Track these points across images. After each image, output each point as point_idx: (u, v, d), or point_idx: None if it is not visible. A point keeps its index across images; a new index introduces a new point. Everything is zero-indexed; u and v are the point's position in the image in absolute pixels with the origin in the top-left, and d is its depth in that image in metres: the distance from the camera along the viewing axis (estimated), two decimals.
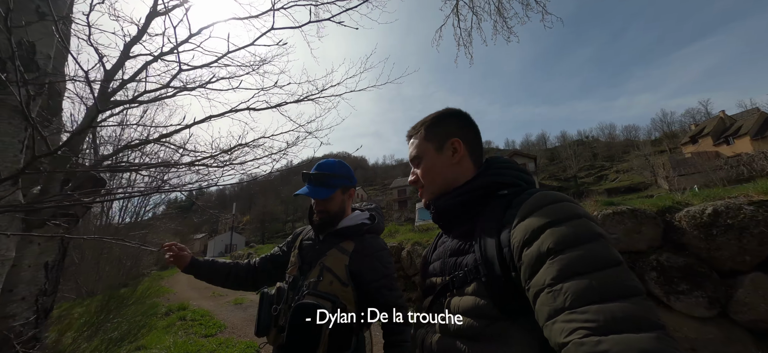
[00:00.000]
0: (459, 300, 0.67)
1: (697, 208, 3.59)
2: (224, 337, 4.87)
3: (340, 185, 1.27)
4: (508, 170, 0.77)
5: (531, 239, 0.56)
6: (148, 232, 13.10)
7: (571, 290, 0.49)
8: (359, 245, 1.21)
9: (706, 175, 23.62)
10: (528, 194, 0.65)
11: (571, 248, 0.52)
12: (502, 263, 0.61)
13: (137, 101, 1.94)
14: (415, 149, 0.86)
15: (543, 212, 0.58)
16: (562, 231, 0.54)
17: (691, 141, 41.98)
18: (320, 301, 1.07)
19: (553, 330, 0.49)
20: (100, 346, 3.15)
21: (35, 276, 2.13)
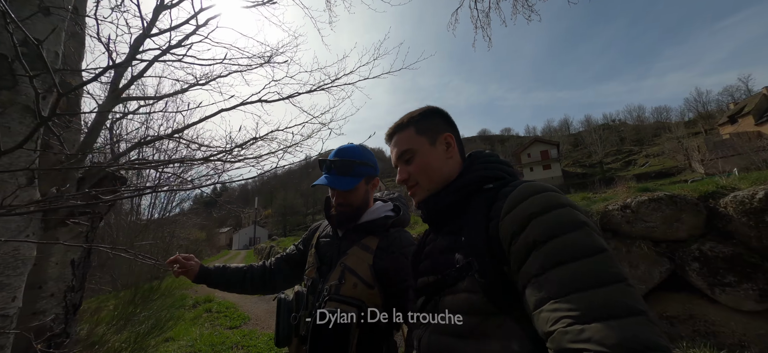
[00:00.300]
0: (453, 297, 0.67)
1: (745, 193, 3.28)
2: (248, 329, 4.98)
3: (364, 174, 1.12)
4: (493, 164, 0.76)
5: (518, 230, 0.57)
6: (176, 227, 13.67)
7: (555, 279, 0.49)
8: (384, 242, 1.07)
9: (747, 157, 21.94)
10: (512, 187, 0.65)
11: (555, 238, 0.52)
12: (492, 257, 0.61)
13: (149, 98, 1.93)
14: (406, 143, 0.82)
15: (528, 203, 0.59)
16: (546, 221, 0.55)
17: (730, 121, 39.05)
18: (344, 307, 0.95)
19: (540, 319, 0.49)
20: (130, 338, 3.26)
21: (62, 273, 2.19)
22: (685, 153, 34.63)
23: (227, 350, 4.01)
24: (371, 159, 1.16)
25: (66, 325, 2.16)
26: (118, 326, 3.19)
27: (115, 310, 4.17)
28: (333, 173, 1.11)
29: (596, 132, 55.05)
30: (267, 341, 4.24)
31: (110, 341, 2.95)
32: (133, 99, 1.92)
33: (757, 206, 3.19)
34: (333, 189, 1.12)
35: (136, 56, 1.71)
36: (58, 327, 2.09)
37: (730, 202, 3.39)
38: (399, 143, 0.83)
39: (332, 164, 1.11)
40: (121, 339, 3.06)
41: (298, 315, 1.04)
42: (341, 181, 1.09)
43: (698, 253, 3.35)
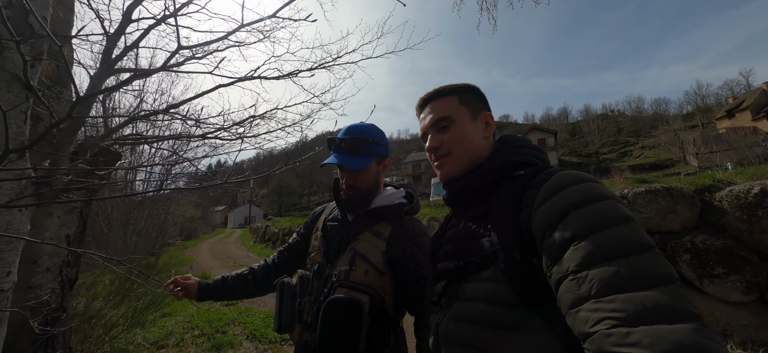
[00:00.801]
0: (475, 286, 0.64)
1: (742, 187, 3.30)
2: (244, 307, 5.04)
3: (376, 154, 1.06)
4: (525, 149, 0.73)
5: (554, 223, 0.53)
6: (170, 205, 13.60)
7: (597, 277, 0.45)
8: (397, 230, 1.03)
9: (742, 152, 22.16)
10: (547, 175, 0.61)
11: (597, 232, 0.49)
12: (522, 248, 0.58)
13: (143, 70, 1.85)
14: (445, 110, 0.76)
15: (566, 193, 0.55)
16: (587, 214, 0.51)
17: (728, 115, 39.21)
18: (356, 294, 0.92)
19: (578, 318, 0.46)
20: (128, 313, 3.28)
21: (57, 248, 2.16)
22: (680, 146, 34.89)
23: (224, 326, 4.07)
24: (383, 139, 1.10)
25: (62, 300, 2.15)
26: (115, 301, 3.20)
27: (111, 285, 4.18)
28: (343, 152, 1.04)
29: (594, 122, 55.04)
30: (264, 318, 4.30)
31: (108, 315, 2.97)
32: (126, 71, 1.84)
33: (752, 200, 3.22)
34: (343, 170, 1.06)
35: (130, 24, 1.63)
36: (55, 301, 2.09)
37: (725, 196, 3.42)
38: (436, 109, 0.78)
39: (343, 143, 1.04)
40: (119, 314, 3.07)
41: (303, 300, 1.00)
42: (353, 160, 1.02)
43: (690, 245, 3.40)
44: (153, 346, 3.34)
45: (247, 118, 2.44)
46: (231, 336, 3.75)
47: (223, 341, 3.53)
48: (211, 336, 3.72)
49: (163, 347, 3.39)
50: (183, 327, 4.01)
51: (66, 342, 2.27)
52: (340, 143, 1.05)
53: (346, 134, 1.06)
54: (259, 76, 2.11)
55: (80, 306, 2.84)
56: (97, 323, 2.91)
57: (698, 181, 3.77)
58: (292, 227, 12.88)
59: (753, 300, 3.15)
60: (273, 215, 51.98)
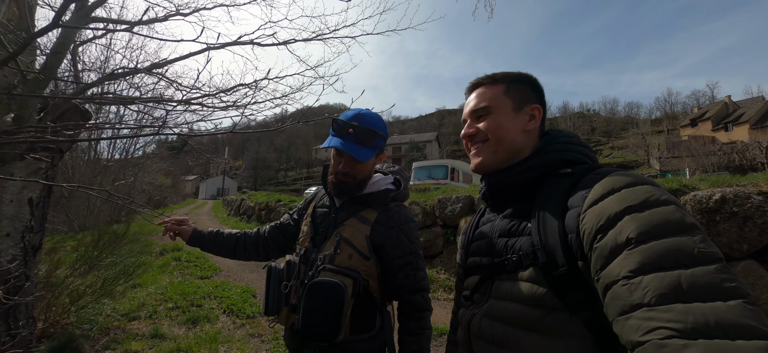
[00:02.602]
0: (511, 285, 0.62)
1: (704, 193, 3.55)
2: (220, 280, 4.93)
3: (379, 147, 1.06)
4: (574, 146, 0.69)
5: (606, 225, 0.50)
6: (138, 171, 12.88)
7: (652, 285, 0.42)
8: (383, 216, 1.04)
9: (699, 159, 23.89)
10: (599, 174, 0.58)
11: (657, 239, 0.45)
12: (566, 250, 0.55)
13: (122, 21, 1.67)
14: (486, 99, 0.74)
15: (622, 195, 0.51)
16: (647, 218, 0.47)
17: (691, 124, 41.91)
18: (339, 277, 0.94)
19: (627, 326, 0.43)
20: (96, 282, 3.11)
21: (19, 212, 1.98)
22: (646, 149, 37.06)
23: (200, 300, 3.97)
24: (386, 132, 1.08)
25: (25, 267, 1.99)
26: (81, 270, 3.02)
27: (74, 252, 3.93)
28: (350, 139, 1.01)
29: (571, 120, 57.14)
30: (241, 293, 4.23)
31: (73, 284, 2.80)
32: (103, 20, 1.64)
33: (712, 206, 3.48)
34: (341, 156, 1.03)
35: None
36: (17, 269, 1.93)
37: (689, 200, 3.67)
38: (479, 97, 0.75)
39: (351, 128, 1.01)
40: (86, 283, 2.90)
41: (290, 284, 1.02)
42: (360, 150, 1.00)
43: None
44: (124, 318, 3.20)
45: (235, 85, 2.29)
46: (207, 309, 3.67)
47: (200, 314, 3.45)
48: (186, 309, 3.62)
49: (135, 319, 3.26)
50: (155, 299, 3.87)
51: (29, 312, 2.12)
52: (348, 128, 1.01)
53: (354, 120, 1.02)
54: (252, 42, 1.96)
55: (42, 273, 2.65)
56: (62, 291, 2.74)
57: (666, 185, 4.01)
58: (269, 201, 12.61)
59: None
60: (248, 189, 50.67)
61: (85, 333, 2.68)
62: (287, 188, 49.93)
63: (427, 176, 14.52)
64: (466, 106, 0.79)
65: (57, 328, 2.60)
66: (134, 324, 3.18)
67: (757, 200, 3.32)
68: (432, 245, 5.61)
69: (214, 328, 3.20)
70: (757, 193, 3.40)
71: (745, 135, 31.92)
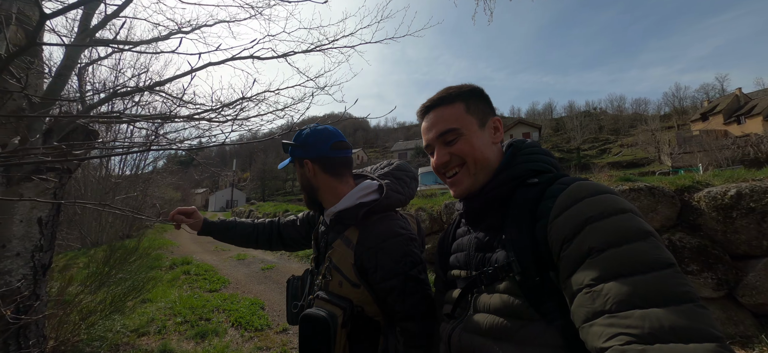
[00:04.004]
0: (489, 297, 0.63)
1: (719, 189, 3.45)
2: (229, 293, 4.94)
3: (295, 155, 1.05)
4: (536, 156, 0.70)
5: (570, 235, 0.52)
6: (148, 186, 13.11)
7: (612, 292, 0.44)
8: (363, 235, 0.93)
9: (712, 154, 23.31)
10: (562, 184, 0.60)
11: (615, 247, 0.47)
12: (538, 260, 0.56)
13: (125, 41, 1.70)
14: (451, 121, 0.72)
15: (583, 205, 0.53)
16: (605, 227, 0.50)
17: (702, 118, 41.05)
18: (330, 307, 0.89)
19: (590, 333, 0.45)
20: (106, 298, 3.14)
21: (29, 232, 2.01)
22: (656, 146, 36.36)
23: (208, 313, 3.98)
24: (306, 140, 1.04)
25: (35, 286, 2.02)
26: (92, 286, 3.05)
27: (85, 268, 3.99)
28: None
29: (577, 118, 56.49)
30: (249, 305, 4.23)
31: (84, 301, 2.83)
32: (106, 43, 1.68)
33: (727, 202, 3.37)
34: None
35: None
36: (27, 288, 1.95)
37: (703, 197, 3.57)
38: (441, 120, 0.73)
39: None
40: (96, 300, 2.93)
41: (300, 303, 1.08)
42: (285, 163, 1.11)
43: (668, 243, 3.54)
44: (133, 334, 3.22)
45: (237, 99, 2.31)
46: (215, 323, 3.67)
47: (208, 328, 3.45)
48: (195, 324, 3.62)
49: (144, 335, 3.28)
50: (165, 313, 3.89)
51: (39, 330, 2.15)
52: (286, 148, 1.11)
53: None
54: (251, 56, 1.99)
55: (54, 291, 2.68)
56: (73, 309, 2.77)
57: (678, 181, 3.91)
58: (277, 212, 12.69)
59: (722, 295, 3.33)
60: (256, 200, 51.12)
61: (96, 350, 2.70)
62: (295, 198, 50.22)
63: (433, 181, 14.45)
64: (425, 131, 0.76)
65: (67, 346, 2.62)
66: (143, 339, 3.20)
67: None
68: None
69: (223, 342, 3.20)
70: None
71: (758, 127, 31.09)
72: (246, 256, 8.03)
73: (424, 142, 0.78)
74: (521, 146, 0.73)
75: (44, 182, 1.87)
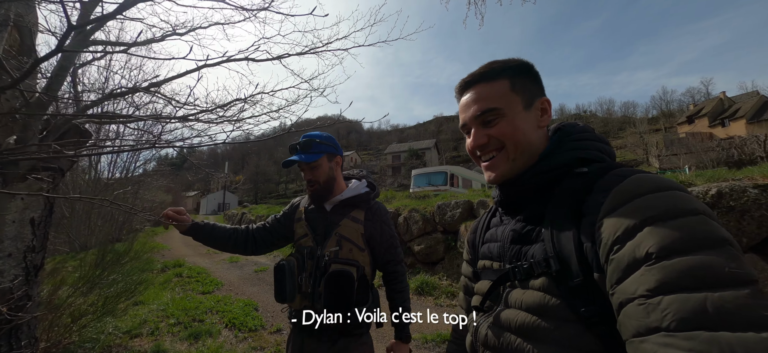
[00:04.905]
0: (522, 293, 0.58)
1: (701, 188, 3.58)
2: (222, 295, 4.92)
3: (325, 151, 1.32)
4: (589, 142, 0.63)
5: (624, 237, 0.45)
6: (139, 188, 12.92)
7: (673, 307, 0.37)
8: (369, 213, 1.33)
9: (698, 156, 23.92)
10: (617, 176, 0.52)
11: (680, 254, 0.39)
12: (581, 260, 0.50)
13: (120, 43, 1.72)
14: (493, 99, 0.64)
15: (643, 202, 0.46)
16: (670, 231, 0.41)
17: (688, 121, 42.07)
18: (346, 268, 1.22)
19: (640, 349, 0.39)
20: (98, 301, 3.12)
21: (21, 232, 2.00)
22: (644, 148, 37.13)
23: (201, 314, 3.96)
24: (332, 142, 1.36)
25: (27, 287, 2.00)
26: (83, 289, 3.03)
27: (75, 272, 3.94)
28: (298, 152, 1.32)
29: (568, 121, 57.26)
30: (243, 307, 4.22)
31: (76, 303, 2.80)
32: (101, 43, 1.70)
33: (709, 201, 3.50)
34: (301, 167, 1.31)
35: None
36: (19, 289, 1.94)
37: None
38: (482, 98, 0.65)
39: (298, 145, 1.32)
40: (87, 302, 2.91)
41: (303, 276, 1.26)
42: (304, 156, 1.30)
43: None
44: (126, 335, 3.20)
45: (231, 101, 2.34)
46: (209, 324, 3.66)
47: (201, 329, 3.44)
48: (188, 325, 3.61)
49: (137, 336, 3.25)
50: (157, 315, 3.86)
51: (31, 332, 2.13)
52: (296, 145, 1.33)
53: (300, 141, 1.34)
54: (246, 58, 2.02)
55: (44, 293, 2.66)
56: (64, 311, 2.75)
57: None
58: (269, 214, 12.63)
59: None
60: (249, 203, 50.62)
61: (88, 351, 2.67)
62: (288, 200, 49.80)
63: (426, 183, 14.54)
64: (463, 109, 0.69)
65: (59, 348, 2.59)
66: (136, 341, 3.17)
67: (754, 194, 3.34)
68: (433, 251, 5.60)
69: (216, 343, 3.19)
70: (753, 186, 3.42)
71: (742, 130, 32.02)
72: (239, 259, 7.99)
73: (460, 120, 0.71)
74: (571, 131, 0.66)
75: (38, 182, 1.87)
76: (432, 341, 3.15)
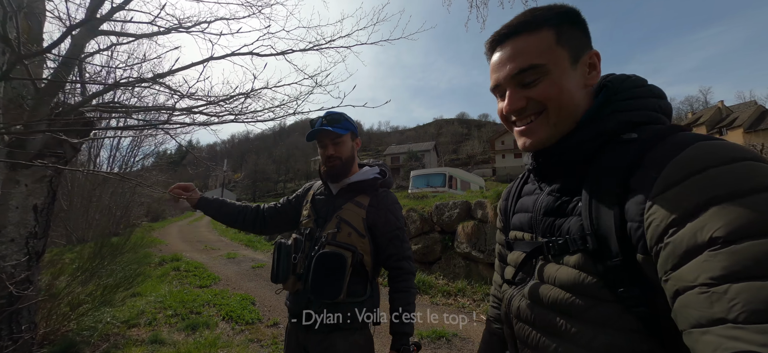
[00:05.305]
0: (556, 268, 0.54)
1: None
2: (219, 289, 4.94)
3: (350, 128, 1.29)
4: (641, 101, 0.53)
5: (682, 218, 0.38)
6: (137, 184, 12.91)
7: (742, 297, 0.32)
8: (374, 199, 1.25)
9: None
10: (674, 146, 0.44)
11: (754, 238, 0.33)
12: (622, 240, 0.45)
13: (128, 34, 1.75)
14: (535, 54, 0.54)
15: (707, 178, 0.39)
16: (740, 211, 0.35)
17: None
18: (341, 250, 1.15)
19: (702, 341, 0.35)
20: (96, 291, 3.14)
21: (24, 218, 2.04)
22: None
23: (199, 307, 3.98)
24: (354, 124, 1.33)
25: (29, 272, 2.03)
26: (81, 278, 3.05)
27: (72, 264, 3.96)
28: (325, 125, 1.24)
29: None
30: (240, 301, 4.25)
31: (73, 292, 2.82)
32: (110, 34, 1.73)
33: None
34: (324, 140, 1.25)
35: None
36: (21, 273, 1.97)
37: None
38: (521, 54, 0.55)
39: (324, 118, 1.26)
40: (86, 291, 2.93)
41: (297, 256, 1.22)
42: (334, 128, 1.24)
43: None
44: (124, 325, 3.22)
45: (235, 94, 2.38)
46: (206, 316, 3.68)
47: (199, 321, 3.46)
48: (186, 317, 3.63)
49: (135, 326, 3.28)
50: (155, 307, 3.88)
51: (31, 316, 2.16)
52: (323, 119, 1.27)
53: (324, 116, 1.29)
54: (251, 52, 2.05)
55: (43, 282, 2.68)
56: (63, 300, 2.77)
57: None
58: None
59: None
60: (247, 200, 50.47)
61: (86, 339, 2.69)
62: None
63: (425, 184, 14.60)
64: (496, 68, 0.59)
65: (57, 335, 2.62)
66: (134, 330, 3.20)
67: None
68: (430, 251, 5.64)
69: (214, 334, 3.22)
70: None
71: (739, 139, 32.26)
72: (236, 255, 8.00)
73: (492, 81, 0.61)
74: (619, 88, 0.56)
75: (42, 169, 1.90)
76: (427, 337, 3.19)
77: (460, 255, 5.28)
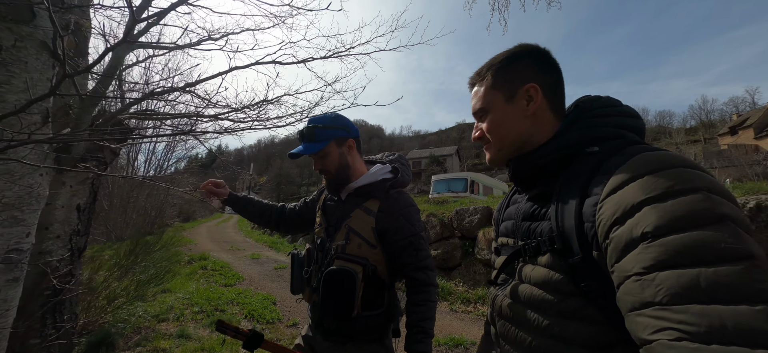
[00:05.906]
0: (531, 269, 0.61)
1: (738, 201, 3.37)
2: (242, 288, 5.11)
3: (331, 136, 1.16)
4: (604, 119, 0.61)
5: (623, 217, 0.45)
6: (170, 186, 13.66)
7: (666, 283, 0.38)
8: (384, 204, 1.14)
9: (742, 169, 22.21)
10: (624, 156, 0.51)
11: (677, 233, 0.40)
12: (581, 239, 0.52)
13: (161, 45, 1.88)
14: (479, 100, 0.71)
15: (644, 182, 0.45)
16: (668, 209, 0.41)
17: (730, 132, 39.19)
18: (350, 265, 1.08)
19: (636, 323, 0.41)
20: (130, 286, 3.35)
21: (68, 217, 2.22)
22: None
23: (223, 305, 4.14)
24: (341, 123, 1.20)
25: (72, 266, 2.21)
26: (118, 274, 3.27)
27: (111, 260, 4.25)
28: (304, 142, 1.17)
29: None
30: (262, 300, 4.38)
31: (111, 286, 3.03)
32: (145, 46, 1.87)
33: (747, 214, 3.28)
34: (310, 157, 1.18)
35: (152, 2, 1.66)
36: (64, 267, 2.14)
37: None
38: (475, 98, 0.73)
39: (301, 134, 1.18)
40: (121, 286, 3.14)
41: (309, 269, 1.19)
42: (309, 146, 1.15)
43: None
44: (154, 319, 3.41)
45: (259, 101, 2.48)
46: (229, 314, 3.82)
47: (222, 318, 3.59)
48: (210, 314, 3.79)
49: (164, 321, 3.46)
50: (183, 303, 4.08)
51: (73, 308, 2.34)
52: (301, 134, 1.19)
53: (304, 128, 1.18)
54: (274, 61, 2.15)
55: (84, 276, 2.90)
56: (101, 293, 2.98)
57: None
58: None
59: None
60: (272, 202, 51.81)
61: (120, 331, 2.88)
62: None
63: (446, 189, 14.42)
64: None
65: (95, 326, 2.82)
66: (163, 325, 3.38)
67: None
68: (450, 257, 5.56)
69: None
70: None
71: None
72: (260, 256, 8.25)
73: None
74: (590, 106, 0.64)
75: (85, 172, 2.06)
76: (445, 344, 3.14)
77: (480, 262, 5.16)
